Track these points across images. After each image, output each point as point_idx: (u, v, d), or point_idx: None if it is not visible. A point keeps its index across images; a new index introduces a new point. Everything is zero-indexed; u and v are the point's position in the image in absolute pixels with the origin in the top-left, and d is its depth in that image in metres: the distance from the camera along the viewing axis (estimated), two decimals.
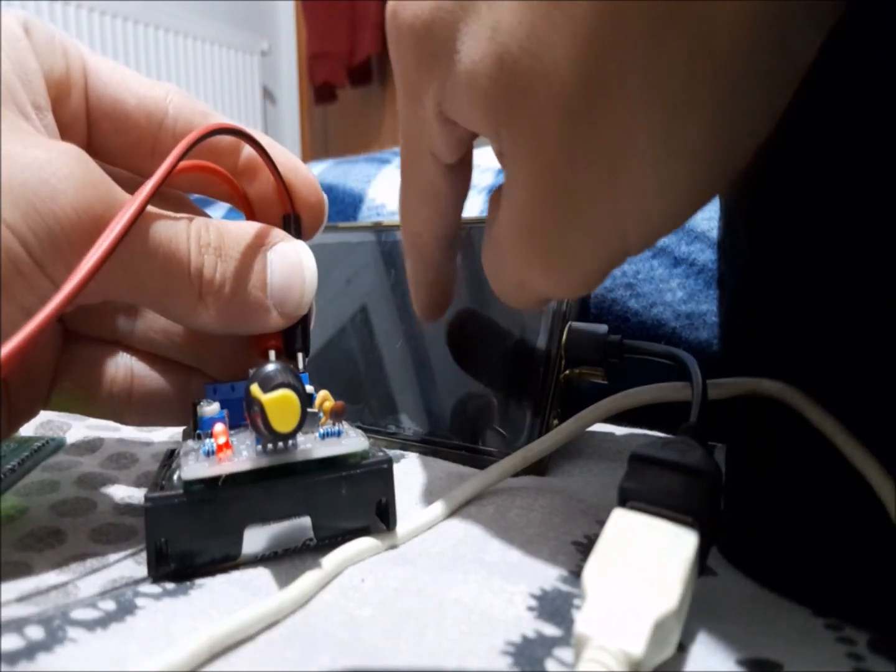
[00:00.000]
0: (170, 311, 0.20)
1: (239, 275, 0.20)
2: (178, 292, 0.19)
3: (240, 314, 0.20)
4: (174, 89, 0.22)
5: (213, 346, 0.23)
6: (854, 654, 0.16)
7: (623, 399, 0.23)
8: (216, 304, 0.19)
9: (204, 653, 0.15)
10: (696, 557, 0.15)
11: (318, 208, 0.23)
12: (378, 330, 0.31)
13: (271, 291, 0.20)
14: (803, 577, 0.18)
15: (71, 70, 0.20)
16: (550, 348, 0.26)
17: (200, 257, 0.19)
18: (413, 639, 0.16)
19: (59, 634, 0.15)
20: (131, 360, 0.23)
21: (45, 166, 0.17)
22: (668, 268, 0.29)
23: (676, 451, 0.17)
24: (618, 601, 0.14)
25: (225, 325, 0.20)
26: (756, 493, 0.20)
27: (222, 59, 2.25)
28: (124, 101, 0.21)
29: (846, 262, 0.18)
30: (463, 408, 0.28)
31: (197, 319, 0.20)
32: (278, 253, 0.20)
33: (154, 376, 0.23)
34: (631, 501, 0.17)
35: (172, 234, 0.19)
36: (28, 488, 0.24)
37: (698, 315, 0.28)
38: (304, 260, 0.21)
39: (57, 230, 0.16)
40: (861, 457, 0.17)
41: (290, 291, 0.20)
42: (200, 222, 0.19)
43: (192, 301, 0.19)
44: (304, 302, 0.21)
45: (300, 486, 0.18)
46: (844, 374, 0.18)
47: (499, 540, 0.20)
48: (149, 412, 0.23)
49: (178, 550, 0.18)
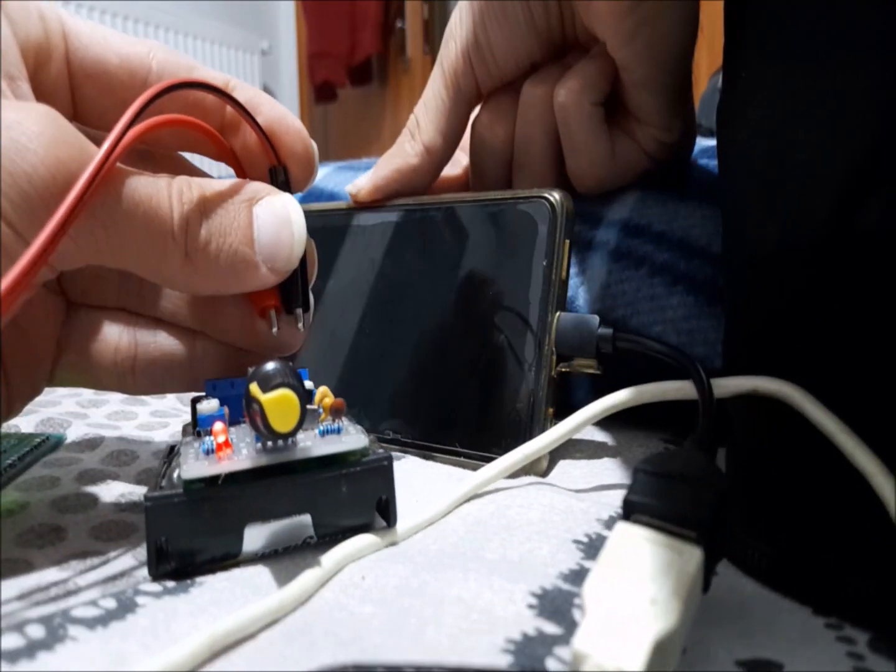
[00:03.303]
0: (158, 274, 0.19)
1: (224, 231, 0.19)
2: (163, 252, 0.19)
3: (228, 271, 0.20)
4: (157, 45, 0.22)
5: (216, 308, 0.23)
6: (854, 654, 0.16)
7: (622, 397, 0.23)
8: (203, 263, 0.19)
9: (205, 651, 0.15)
10: (699, 574, 0.15)
11: (306, 158, 0.23)
12: (371, 332, 0.31)
13: (259, 247, 0.20)
14: (803, 576, 0.18)
15: (50, 35, 0.20)
16: (541, 342, 0.26)
17: (184, 215, 0.19)
18: (413, 636, 0.16)
19: (59, 633, 0.15)
20: (134, 327, 0.23)
21: (14, 126, 0.16)
22: (668, 286, 0.29)
23: (682, 463, 0.17)
24: (618, 618, 0.14)
25: (214, 284, 0.20)
26: (756, 492, 0.20)
27: (222, 58, 2.25)
28: (107, 60, 0.21)
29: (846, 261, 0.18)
30: (457, 410, 0.27)
31: (186, 281, 0.19)
32: (264, 207, 0.20)
33: (158, 342, 0.23)
34: (635, 515, 0.16)
35: (153, 192, 0.18)
36: (28, 484, 0.24)
37: (699, 332, 0.28)
38: (293, 213, 0.20)
39: (30, 191, 0.16)
40: (862, 456, 0.17)
41: (278, 246, 0.20)
42: (182, 180, 0.19)
43: (179, 261, 0.19)
44: (293, 256, 0.20)
45: (300, 484, 0.18)
46: (845, 373, 0.18)
47: (499, 538, 0.20)
48: (154, 379, 0.23)
49: (179, 549, 0.18)
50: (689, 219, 0.30)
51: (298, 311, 0.22)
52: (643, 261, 0.30)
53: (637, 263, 0.30)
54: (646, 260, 0.30)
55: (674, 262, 0.29)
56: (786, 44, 0.20)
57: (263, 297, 0.21)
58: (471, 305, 0.28)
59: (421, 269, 0.30)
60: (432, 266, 0.30)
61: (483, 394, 0.27)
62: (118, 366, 0.22)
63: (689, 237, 0.30)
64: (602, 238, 0.31)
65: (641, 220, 0.31)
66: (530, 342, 0.26)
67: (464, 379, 0.28)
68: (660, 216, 0.31)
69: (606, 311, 0.30)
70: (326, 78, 2.30)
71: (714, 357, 0.28)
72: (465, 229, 0.29)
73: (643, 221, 0.31)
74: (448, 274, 0.29)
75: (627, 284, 0.30)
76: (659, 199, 0.31)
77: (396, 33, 2.29)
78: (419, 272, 0.30)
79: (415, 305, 0.30)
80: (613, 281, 0.30)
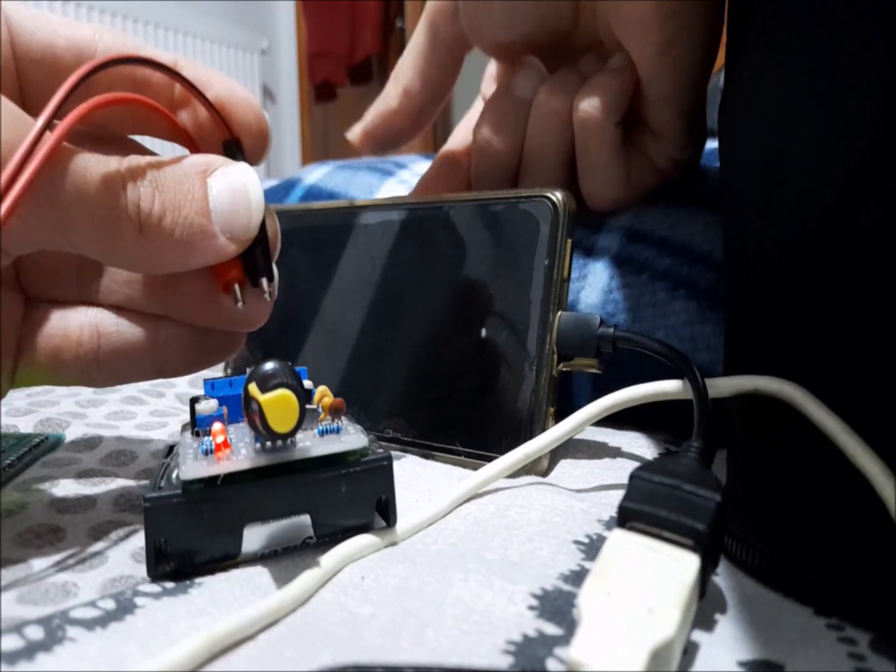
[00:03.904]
0: (113, 254, 0.19)
1: (179, 204, 0.19)
2: (116, 230, 0.18)
3: (185, 244, 0.19)
4: (103, 28, 0.22)
5: (177, 288, 0.22)
6: (855, 654, 0.15)
7: (622, 397, 0.23)
8: (159, 238, 0.19)
9: (204, 652, 0.15)
10: (696, 582, 0.15)
11: (257, 130, 0.22)
12: (372, 330, 0.31)
13: (216, 216, 0.19)
14: (804, 576, 0.18)
15: None
16: (542, 341, 0.26)
17: (136, 190, 0.18)
18: (413, 637, 0.16)
19: (58, 634, 0.15)
20: (95, 318, 0.22)
21: None
22: (670, 291, 0.29)
23: (678, 470, 0.17)
24: (614, 627, 0.14)
25: (172, 259, 0.20)
26: (757, 492, 0.20)
27: (222, 57, 2.25)
28: (53, 44, 0.21)
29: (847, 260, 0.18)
30: (458, 409, 0.27)
31: (142, 258, 0.19)
32: (218, 178, 0.20)
33: (121, 331, 0.22)
34: (631, 522, 0.16)
35: (103, 170, 0.18)
36: (27, 484, 0.23)
37: (701, 337, 0.28)
38: (248, 181, 0.20)
39: None
40: (863, 456, 0.17)
41: (235, 215, 0.20)
42: (133, 158, 0.19)
43: (133, 238, 0.19)
44: (252, 223, 0.20)
45: (299, 484, 0.18)
46: (846, 372, 0.18)
47: (500, 538, 0.20)
48: (119, 369, 0.22)
49: (178, 549, 0.18)
50: (691, 225, 0.30)
51: (264, 280, 0.21)
52: (645, 266, 0.30)
53: (638, 269, 0.30)
54: (647, 266, 0.30)
55: (675, 268, 0.29)
56: (787, 44, 0.20)
57: (226, 270, 0.21)
58: (472, 304, 0.28)
59: (422, 267, 0.30)
60: (434, 264, 0.30)
61: (483, 393, 0.27)
62: (81, 359, 0.22)
63: (691, 243, 0.30)
64: (604, 244, 0.31)
65: (643, 226, 0.31)
66: (531, 341, 0.26)
67: (464, 378, 0.28)
68: (661, 222, 0.31)
69: (608, 317, 0.30)
70: (326, 77, 2.30)
71: (716, 363, 0.28)
72: (467, 228, 0.29)
73: (645, 227, 0.31)
74: (449, 272, 0.29)
75: (629, 290, 0.30)
76: (660, 205, 0.32)
77: (396, 33, 2.29)
78: (421, 271, 0.30)
79: (416, 303, 0.30)
80: (615, 287, 0.30)
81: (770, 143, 0.21)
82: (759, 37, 0.21)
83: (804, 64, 0.19)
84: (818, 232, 0.19)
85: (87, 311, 0.23)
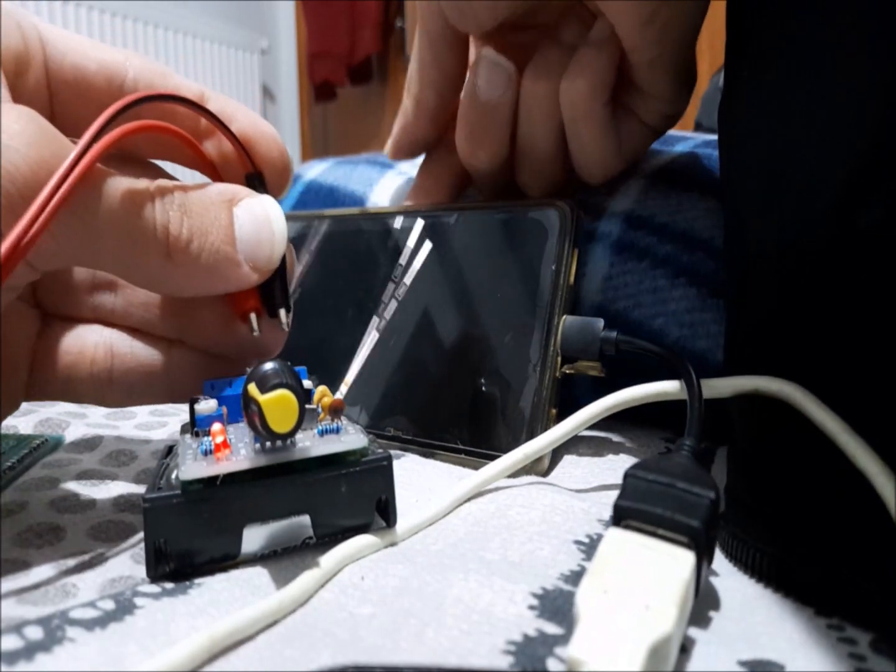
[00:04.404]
0: (139, 275, 0.20)
1: (206, 230, 0.19)
2: (144, 252, 0.19)
3: (210, 270, 0.20)
4: (133, 53, 0.22)
5: (194, 314, 0.23)
6: (856, 655, 0.15)
7: (622, 397, 0.23)
8: (185, 262, 0.19)
9: (204, 652, 0.15)
10: (692, 578, 0.15)
11: (281, 163, 0.23)
12: (379, 331, 0.31)
13: (240, 245, 0.20)
14: (805, 576, 0.18)
15: (28, 42, 0.20)
16: (547, 344, 0.26)
17: (165, 214, 0.19)
18: (413, 637, 0.16)
19: (57, 634, 0.15)
20: (110, 337, 0.23)
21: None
22: (670, 278, 0.29)
23: (672, 468, 0.17)
24: (612, 624, 0.14)
25: (196, 284, 0.20)
26: (757, 492, 0.20)
27: (222, 57, 2.25)
28: (84, 67, 0.21)
29: (847, 260, 0.18)
30: (460, 408, 0.27)
31: (167, 281, 0.19)
32: (244, 208, 0.20)
33: (134, 353, 0.23)
34: (626, 520, 0.16)
35: (134, 192, 0.18)
36: (27, 484, 0.23)
37: (701, 324, 0.28)
38: (272, 213, 0.21)
39: (11, 189, 0.16)
40: (863, 456, 0.17)
41: (259, 245, 0.20)
42: (163, 182, 0.19)
43: (161, 260, 0.19)
44: (275, 254, 0.21)
45: (299, 484, 0.18)
46: (846, 372, 0.18)
47: (500, 538, 0.20)
48: (131, 390, 0.23)
49: (177, 550, 0.18)
50: (692, 211, 0.30)
51: (282, 312, 0.22)
52: (645, 253, 0.30)
53: (639, 256, 0.30)
54: (648, 252, 0.30)
55: (676, 255, 0.29)
56: (787, 43, 0.20)
57: (244, 299, 0.21)
58: (478, 307, 0.28)
59: (431, 270, 0.30)
60: (442, 268, 0.30)
61: (486, 392, 0.27)
62: (94, 377, 0.22)
63: (692, 230, 0.30)
64: (604, 230, 0.31)
65: (644, 212, 0.31)
66: (536, 344, 0.26)
67: (468, 377, 0.28)
68: (662, 208, 0.31)
69: (608, 304, 0.30)
70: (326, 77, 2.30)
71: (716, 350, 0.28)
72: (476, 234, 0.29)
73: (645, 213, 0.31)
74: (458, 276, 0.29)
75: (629, 277, 0.30)
76: (661, 191, 0.31)
77: (396, 33, 2.29)
78: (430, 273, 0.30)
79: (424, 306, 0.30)
80: (615, 273, 0.30)
81: (770, 143, 0.21)
82: (759, 37, 0.21)
83: (804, 64, 0.19)
84: (818, 232, 0.19)
85: (103, 330, 0.23)
